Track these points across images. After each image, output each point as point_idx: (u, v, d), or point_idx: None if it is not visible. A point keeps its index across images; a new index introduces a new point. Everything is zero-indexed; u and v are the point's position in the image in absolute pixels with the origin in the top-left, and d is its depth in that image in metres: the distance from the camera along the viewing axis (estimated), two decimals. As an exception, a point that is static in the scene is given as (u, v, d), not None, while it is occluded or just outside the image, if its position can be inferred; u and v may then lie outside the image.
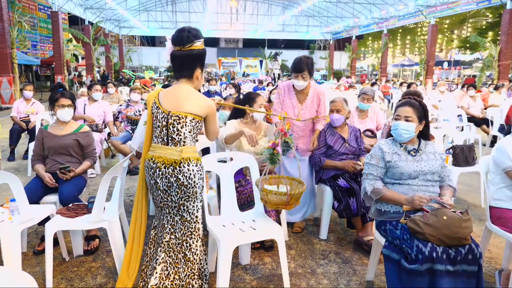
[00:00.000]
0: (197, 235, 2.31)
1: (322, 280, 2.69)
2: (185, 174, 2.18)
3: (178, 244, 2.30)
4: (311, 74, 3.32)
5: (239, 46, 47.78)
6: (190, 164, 2.20)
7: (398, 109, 2.44)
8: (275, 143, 2.55)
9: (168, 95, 2.27)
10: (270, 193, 2.36)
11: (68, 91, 3.44)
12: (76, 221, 2.63)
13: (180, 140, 2.20)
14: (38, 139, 3.26)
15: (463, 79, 25.26)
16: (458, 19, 30.36)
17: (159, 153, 2.22)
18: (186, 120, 2.19)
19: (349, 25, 29.60)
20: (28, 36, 19.35)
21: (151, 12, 30.79)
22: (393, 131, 2.43)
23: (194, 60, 2.24)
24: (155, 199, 2.31)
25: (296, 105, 3.39)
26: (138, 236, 2.43)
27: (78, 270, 2.79)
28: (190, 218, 2.28)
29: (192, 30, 2.22)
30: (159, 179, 2.21)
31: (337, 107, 3.42)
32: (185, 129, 2.20)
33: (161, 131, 2.23)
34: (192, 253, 2.30)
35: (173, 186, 2.20)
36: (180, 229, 2.29)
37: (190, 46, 2.19)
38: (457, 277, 1.99)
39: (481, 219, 3.82)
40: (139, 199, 2.42)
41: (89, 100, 5.80)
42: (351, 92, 12.19)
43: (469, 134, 6.35)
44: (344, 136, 3.45)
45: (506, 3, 15.56)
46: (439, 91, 10.00)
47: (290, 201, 2.36)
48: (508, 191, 2.48)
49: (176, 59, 2.25)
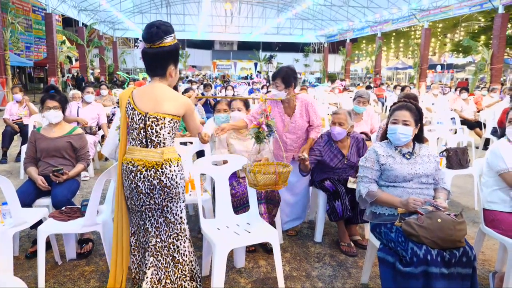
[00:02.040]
0: (184, 236, 2.28)
1: (317, 283, 2.68)
2: (167, 176, 2.14)
3: (165, 247, 2.26)
4: (288, 84, 3.13)
5: (234, 48, 47.84)
6: (171, 165, 2.16)
7: (395, 113, 2.42)
8: (260, 122, 2.56)
9: (143, 95, 2.18)
10: (259, 172, 2.39)
11: (59, 94, 3.40)
12: (69, 224, 2.61)
13: (159, 141, 2.15)
14: (31, 141, 3.23)
15: (456, 82, 25.46)
16: (451, 23, 30.65)
17: (138, 156, 2.15)
18: (165, 121, 2.14)
19: (343, 28, 29.75)
20: (21, 37, 19.25)
21: (146, 14, 30.75)
22: (390, 135, 2.42)
23: (166, 57, 2.16)
24: (135, 203, 2.20)
25: (285, 118, 3.27)
26: (121, 242, 2.34)
27: (71, 274, 2.76)
28: (174, 219, 2.25)
29: (162, 26, 2.11)
30: (140, 182, 2.14)
31: (340, 120, 3.19)
32: (164, 131, 2.15)
33: (139, 133, 2.16)
34: (181, 255, 2.27)
35: (156, 189, 2.15)
36: (165, 231, 2.25)
37: (161, 43, 2.09)
38: (451, 279, 1.99)
39: (475, 221, 3.84)
40: (119, 205, 2.32)
41: (83, 103, 5.76)
42: (345, 95, 12.26)
43: (462, 136, 6.39)
44: (344, 151, 3.26)
45: (498, 7, 15.75)
46: (432, 94, 10.07)
47: (278, 181, 2.41)
48: (501, 193, 2.50)
49: (146, 57, 2.15)
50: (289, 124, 3.27)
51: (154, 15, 31.10)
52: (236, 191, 3.03)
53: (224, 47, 48.83)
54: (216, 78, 27.64)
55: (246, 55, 37.45)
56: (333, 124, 3.23)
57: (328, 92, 13.04)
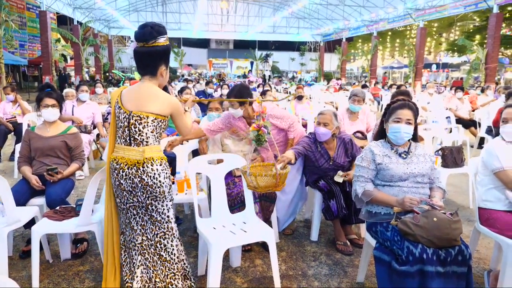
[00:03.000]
0: (171, 235, 2.28)
1: (313, 282, 2.68)
2: (149, 174, 2.16)
3: (151, 246, 2.27)
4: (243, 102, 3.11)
5: (230, 47, 47.81)
6: (154, 164, 2.17)
7: (397, 112, 2.38)
8: (259, 124, 2.56)
9: (130, 94, 2.22)
10: (260, 175, 2.41)
11: (56, 92, 3.39)
12: (64, 224, 2.59)
13: (142, 140, 2.17)
14: (25, 140, 3.20)
15: (451, 81, 25.58)
16: (446, 23, 30.78)
17: (122, 154, 2.19)
18: (148, 120, 2.16)
19: (339, 27, 29.79)
20: (15, 35, 19.09)
21: (141, 12, 30.58)
22: (392, 134, 2.39)
23: (158, 57, 2.19)
24: (121, 200, 2.26)
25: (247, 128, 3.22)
26: (111, 239, 2.36)
27: (66, 274, 2.74)
28: (161, 218, 2.25)
29: (156, 26, 2.17)
30: (123, 180, 2.18)
31: (325, 120, 3.14)
32: (147, 129, 2.17)
33: (123, 131, 2.20)
34: (168, 253, 2.27)
35: (137, 187, 2.17)
36: (151, 229, 2.26)
37: (154, 42, 2.14)
38: (447, 278, 2.00)
39: (470, 220, 3.86)
40: (108, 202, 2.34)
41: (78, 102, 5.73)
42: (341, 93, 12.28)
43: (457, 135, 6.42)
44: (331, 152, 3.23)
45: (492, 7, 15.83)
46: (428, 93, 10.10)
47: (278, 183, 2.45)
48: (496, 192, 2.51)
49: (138, 56, 2.19)
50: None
51: (150, 13, 30.97)
52: (232, 191, 3.03)
53: (220, 45, 48.78)
54: (212, 76, 27.59)
55: (242, 53, 37.43)
56: (317, 124, 3.19)
57: (324, 91, 13.07)
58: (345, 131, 4.37)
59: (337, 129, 3.19)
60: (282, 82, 23.24)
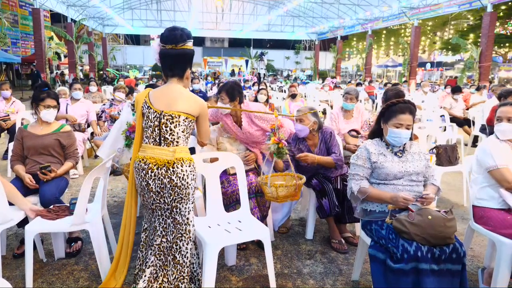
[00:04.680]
0: (188, 238, 2.27)
1: (308, 281, 2.69)
2: (178, 175, 2.14)
3: (169, 247, 2.26)
4: (233, 98, 3.12)
5: (225, 45, 47.68)
6: (183, 164, 2.16)
7: (398, 116, 2.34)
8: (279, 137, 2.60)
9: (159, 94, 2.23)
10: (282, 186, 2.58)
11: (53, 91, 3.35)
12: (58, 223, 2.56)
13: (173, 140, 2.17)
14: (18, 139, 3.17)
15: (445, 80, 25.72)
16: (440, 21, 30.92)
17: (150, 154, 2.17)
18: (180, 119, 2.16)
19: (334, 25, 29.83)
20: (7, 33, 18.89)
21: (136, 10, 30.45)
22: (392, 138, 2.38)
23: (187, 59, 2.24)
24: (147, 201, 2.24)
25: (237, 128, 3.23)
26: (127, 239, 2.38)
27: (60, 273, 2.72)
28: (181, 220, 2.24)
29: (185, 30, 2.22)
30: (151, 181, 2.15)
31: (300, 117, 3.20)
32: (179, 129, 2.17)
33: (153, 131, 2.19)
34: (182, 256, 2.25)
35: (166, 188, 2.15)
36: (172, 232, 2.25)
37: (183, 45, 2.19)
38: (441, 276, 2.01)
39: (464, 218, 3.88)
40: (128, 201, 2.37)
41: (72, 100, 5.68)
42: (336, 92, 12.29)
43: (452, 134, 6.45)
44: (313, 149, 3.27)
45: (486, 6, 15.93)
46: (422, 91, 10.14)
47: (297, 192, 2.64)
48: (491, 190, 2.52)
49: (168, 57, 2.22)
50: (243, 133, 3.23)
51: (144, 11, 30.85)
52: (227, 189, 3.02)
53: (215, 44, 48.64)
54: (207, 75, 27.50)
55: (237, 52, 37.31)
56: (297, 120, 3.25)
57: (319, 89, 13.08)
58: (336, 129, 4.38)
59: (315, 124, 3.22)
60: (277, 80, 23.25)
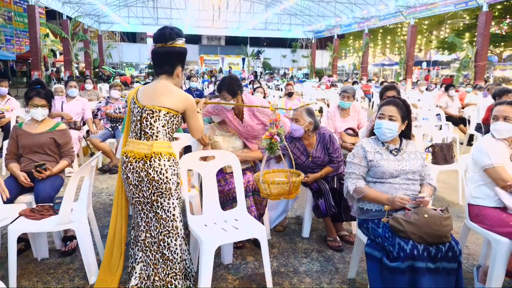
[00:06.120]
0: (176, 234, 2.26)
1: (305, 279, 2.69)
2: (155, 169, 2.16)
3: (155, 243, 2.25)
4: (235, 94, 3.08)
5: (222, 43, 47.56)
6: (161, 158, 2.17)
7: (382, 108, 2.44)
8: (272, 132, 2.55)
9: (145, 90, 2.30)
10: (273, 183, 2.45)
11: (45, 89, 3.31)
12: (43, 223, 2.51)
13: (152, 134, 2.19)
14: (12, 137, 3.14)
15: (441, 79, 25.81)
16: (436, 20, 30.99)
17: (131, 148, 2.22)
18: (160, 114, 2.19)
19: (331, 24, 29.82)
20: (2, 30, 18.73)
21: (132, 7, 30.25)
22: (376, 130, 2.43)
23: (176, 57, 2.28)
24: (128, 194, 2.29)
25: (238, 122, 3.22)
26: (119, 234, 2.38)
27: (55, 272, 2.71)
28: (166, 216, 2.23)
29: (175, 29, 2.26)
30: (130, 174, 2.20)
31: (296, 116, 3.19)
32: (159, 123, 2.19)
33: (136, 125, 2.24)
34: (171, 252, 2.25)
35: (143, 181, 2.17)
36: (155, 227, 2.25)
37: (173, 43, 2.24)
38: (437, 274, 2.01)
39: (459, 216, 3.90)
40: (118, 196, 2.39)
41: (67, 98, 5.65)
42: (332, 90, 12.31)
43: (447, 132, 6.48)
44: (309, 148, 3.25)
45: (482, 5, 15.98)
46: (419, 90, 10.17)
47: (292, 190, 2.51)
48: (486, 188, 2.53)
49: (157, 55, 2.27)
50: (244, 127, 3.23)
51: (141, 9, 30.66)
52: (223, 188, 3.01)
53: (211, 42, 48.49)
54: (203, 73, 27.44)
55: (234, 50, 37.25)
56: (292, 120, 3.24)
57: (315, 88, 13.08)
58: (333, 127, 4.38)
59: (310, 124, 3.18)
60: (273, 78, 23.24)
